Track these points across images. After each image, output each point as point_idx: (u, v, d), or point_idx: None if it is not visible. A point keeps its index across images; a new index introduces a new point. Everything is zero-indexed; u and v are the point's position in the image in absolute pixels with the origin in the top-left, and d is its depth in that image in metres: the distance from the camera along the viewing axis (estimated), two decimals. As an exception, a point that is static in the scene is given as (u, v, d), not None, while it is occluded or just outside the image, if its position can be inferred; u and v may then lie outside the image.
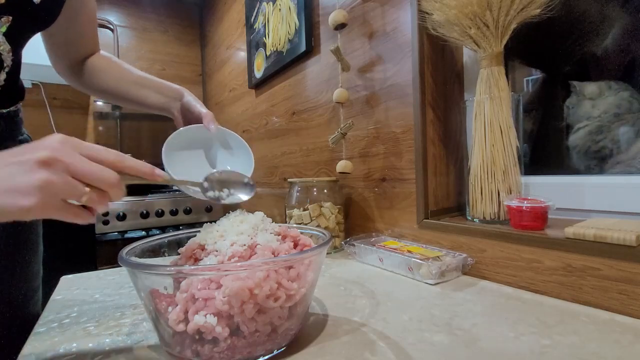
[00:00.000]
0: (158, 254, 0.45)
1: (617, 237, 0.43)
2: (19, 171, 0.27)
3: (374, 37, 0.81)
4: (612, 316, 0.43)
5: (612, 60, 0.64)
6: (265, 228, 0.41)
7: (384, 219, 0.81)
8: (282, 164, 1.29)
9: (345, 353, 0.36)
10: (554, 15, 0.56)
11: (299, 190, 0.83)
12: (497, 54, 0.60)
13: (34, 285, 0.57)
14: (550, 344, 0.37)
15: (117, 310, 0.50)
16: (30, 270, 0.55)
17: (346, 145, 0.88)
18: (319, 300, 0.51)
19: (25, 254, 0.53)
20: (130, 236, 1.62)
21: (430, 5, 0.63)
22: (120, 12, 2.15)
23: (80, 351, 0.38)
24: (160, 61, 2.27)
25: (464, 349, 0.36)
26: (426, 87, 0.70)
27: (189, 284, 0.33)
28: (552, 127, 0.72)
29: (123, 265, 0.34)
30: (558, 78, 0.72)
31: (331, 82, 0.98)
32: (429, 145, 0.71)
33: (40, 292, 0.59)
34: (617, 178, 0.57)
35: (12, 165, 0.28)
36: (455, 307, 0.47)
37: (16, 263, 0.51)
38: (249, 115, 1.58)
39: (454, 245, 0.63)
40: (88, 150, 0.30)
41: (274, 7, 1.25)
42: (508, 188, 0.60)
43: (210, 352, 0.32)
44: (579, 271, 0.47)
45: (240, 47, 1.68)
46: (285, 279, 0.34)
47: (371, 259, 0.69)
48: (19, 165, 0.28)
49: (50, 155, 0.28)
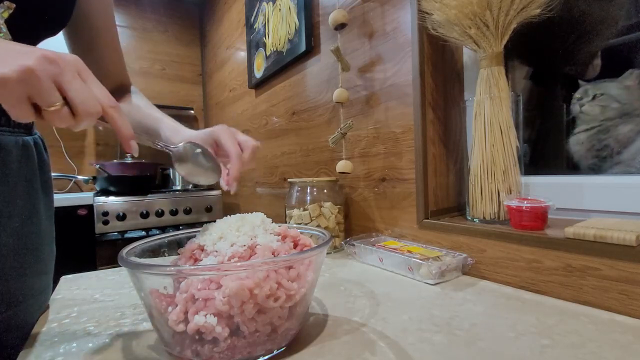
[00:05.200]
0: (158, 254, 0.45)
1: (617, 237, 0.43)
2: (18, 53, 0.28)
3: (374, 37, 0.81)
4: (612, 316, 0.43)
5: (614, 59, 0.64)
6: (265, 228, 0.41)
7: (384, 219, 0.81)
8: (282, 164, 1.29)
9: (345, 353, 0.36)
10: (554, 15, 0.56)
11: (298, 190, 0.83)
12: (497, 54, 0.60)
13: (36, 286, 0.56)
14: (550, 344, 0.37)
15: (117, 310, 0.50)
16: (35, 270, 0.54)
17: (346, 145, 0.88)
18: (319, 300, 0.51)
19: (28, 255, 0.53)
20: (130, 236, 1.62)
21: (430, 5, 0.63)
22: (120, 12, 2.15)
23: (80, 351, 0.38)
24: (160, 61, 2.27)
25: (464, 349, 0.36)
26: (426, 87, 0.70)
27: (189, 284, 0.33)
28: (552, 127, 0.72)
29: (123, 265, 0.34)
30: (558, 78, 0.72)
31: (331, 82, 0.98)
32: (429, 145, 0.71)
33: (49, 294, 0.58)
34: (617, 178, 0.57)
35: (17, 47, 0.29)
36: (455, 307, 0.47)
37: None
38: (249, 115, 1.58)
39: (454, 245, 0.63)
40: (89, 78, 0.31)
41: (274, 7, 1.25)
42: (508, 188, 0.60)
43: (210, 352, 0.32)
44: (579, 271, 0.47)
45: (240, 47, 1.68)
46: (285, 279, 0.34)
47: (371, 259, 0.69)
48: (23, 51, 0.28)
49: (53, 57, 0.28)
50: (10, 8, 0.43)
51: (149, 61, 2.23)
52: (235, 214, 0.44)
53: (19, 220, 0.48)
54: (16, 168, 0.48)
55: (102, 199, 1.58)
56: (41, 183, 0.53)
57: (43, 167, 0.54)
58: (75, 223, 1.52)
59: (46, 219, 0.54)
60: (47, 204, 0.55)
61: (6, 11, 0.43)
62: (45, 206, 0.54)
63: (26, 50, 0.28)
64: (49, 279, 0.55)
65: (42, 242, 0.52)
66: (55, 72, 0.29)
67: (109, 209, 1.58)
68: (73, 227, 1.51)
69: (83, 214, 1.54)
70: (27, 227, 0.49)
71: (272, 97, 1.35)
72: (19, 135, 0.50)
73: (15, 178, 0.48)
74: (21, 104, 0.28)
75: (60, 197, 1.49)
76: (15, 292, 0.47)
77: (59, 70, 0.29)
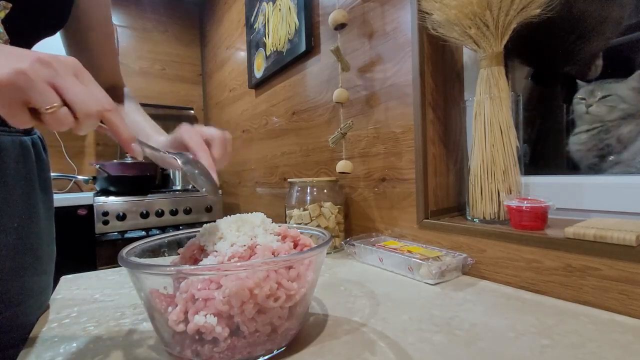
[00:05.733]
0: (158, 254, 0.45)
1: (617, 237, 0.43)
2: (12, 56, 0.27)
3: (373, 37, 0.81)
4: (612, 316, 0.43)
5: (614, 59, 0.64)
6: (265, 228, 0.41)
7: (384, 219, 0.81)
8: (282, 164, 1.29)
9: (345, 353, 0.36)
10: (554, 15, 0.56)
11: (298, 190, 0.83)
12: (497, 54, 0.60)
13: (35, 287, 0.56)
14: (550, 344, 0.37)
15: (117, 310, 0.50)
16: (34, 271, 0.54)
17: (346, 145, 0.88)
18: (319, 300, 0.51)
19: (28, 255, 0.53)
20: (130, 236, 1.62)
21: (430, 5, 0.63)
22: (120, 12, 2.15)
23: (80, 351, 0.38)
24: (160, 61, 2.27)
25: (464, 349, 0.36)
26: (426, 87, 0.70)
27: (189, 284, 0.33)
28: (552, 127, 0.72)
29: (123, 265, 0.34)
30: (558, 78, 0.72)
31: (331, 82, 0.98)
32: (429, 145, 0.71)
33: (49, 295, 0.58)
34: (617, 178, 0.57)
35: (13, 50, 0.28)
36: (455, 307, 0.47)
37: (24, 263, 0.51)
38: (249, 115, 1.58)
39: (454, 245, 0.63)
40: (87, 79, 0.31)
41: (274, 7, 1.25)
42: (508, 188, 0.60)
43: (210, 352, 0.32)
44: (579, 271, 0.47)
45: (240, 47, 1.68)
46: (285, 279, 0.34)
47: (371, 259, 0.69)
48: (17, 54, 0.28)
49: (48, 60, 0.28)
50: (6, 8, 0.43)
51: (149, 61, 2.23)
52: (235, 214, 0.44)
53: (17, 220, 0.48)
54: (14, 168, 0.48)
55: (102, 199, 1.58)
56: (40, 183, 0.53)
57: (42, 166, 0.54)
58: (75, 223, 1.52)
59: (45, 219, 0.54)
60: (47, 203, 0.55)
61: (3, 11, 0.42)
62: (44, 206, 0.54)
63: (21, 54, 0.28)
64: (48, 279, 0.55)
65: (41, 242, 0.52)
66: (51, 75, 0.28)
67: (109, 209, 1.58)
68: (73, 227, 1.51)
69: (83, 214, 1.54)
70: (26, 227, 0.49)
71: (272, 97, 1.35)
72: (17, 135, 0.50)
73: (13, 178, 0.48)
74: (16, 109, 0.27)
75: (60, 197, 1.49)
76: (14, 292, 0.47)
77: (54, 72, 0.28)
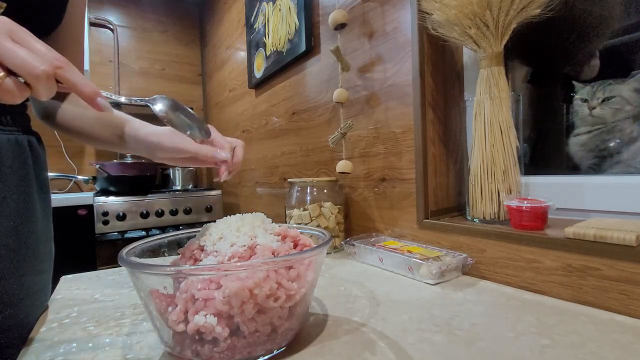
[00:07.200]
0: (158, 254, 0.45)
1: (617, 237, 0.43)
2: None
3: (373, 37, 0.81)
4: (612, 316, 0.43)
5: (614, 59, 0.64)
6: (265, 228, 0.41)
7: (384, 219, 0.81)
8: (282, 164, 1.29)
9: (345, 353, 0.36)
10: (554, 15, 0.56)
11: (298, 190, 0.83)
12: (497, 54, 0.60)
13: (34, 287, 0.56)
14: (550, 344, 0.37)
15: (117, 310, 0.50)
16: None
17: (346, 145, 0.88)
18: (319, 300, 0.51)
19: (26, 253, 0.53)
20: (130, 236, 1.62)
21: (430, 5, 0.63)
22: (120, 12, 2.15)
23: (80, 351, 0.38)
24: (160, 61, 2.27)
25: (464, 349, 0.36)
26: (426, 87, 0.70)
27: (189, 284, 0.33)
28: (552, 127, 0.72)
29: (123, 265, 0.34)
30: (558, 78, 0.72)
31: (331, 82, 0.98)
32: (429, 145, 0.71)
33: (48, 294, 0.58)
34: (617, 178, 0.57)
35: None
36: (455, 307, 0.47)
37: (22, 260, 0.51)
38: (249, 115, 1.58)
39: (454, 245, 0.63)
40: (24, 39, 0.27)
41: (274, 7, 1.25)
42: (508, 188, 0.60)
43: (210, 352, 0.32)
44: (579, 271, 0.47)
45: (240, 47, 1.68)
46: (285, 279, 0.34)
47: (371, 259, 0.69)
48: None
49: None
50: (1, 7, 0.42)
51: (149, 61, 2.23)
52: (235, 214, 0.44)
53: (14, 219, 0.47)
54: (9, 166, 0.48)
55: (102, 199, 1.58)
56: (37, 182, 0.52)
57: (39, 165, 0.54)
58: (75, 223, 1.52)
59: (43, 217, 0.54)
60: (44, 202, 0.54)
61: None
62: (41, 205, 0.53)
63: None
64: (47, 278, 0.55)
65: (38, 241, 0.52)
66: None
67: (109, 209, 1.58)
68: (73, 227, 1.51)
69: (83, 214, 1.54)
70: (22, 226, 0.49)
71: (272, 97, 1.35)
72: (12, 133, 0.49)
73: (8, 177, 0.47)
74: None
75: (60, 197, 1.49)
76: (12, 291, 0.47)
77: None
